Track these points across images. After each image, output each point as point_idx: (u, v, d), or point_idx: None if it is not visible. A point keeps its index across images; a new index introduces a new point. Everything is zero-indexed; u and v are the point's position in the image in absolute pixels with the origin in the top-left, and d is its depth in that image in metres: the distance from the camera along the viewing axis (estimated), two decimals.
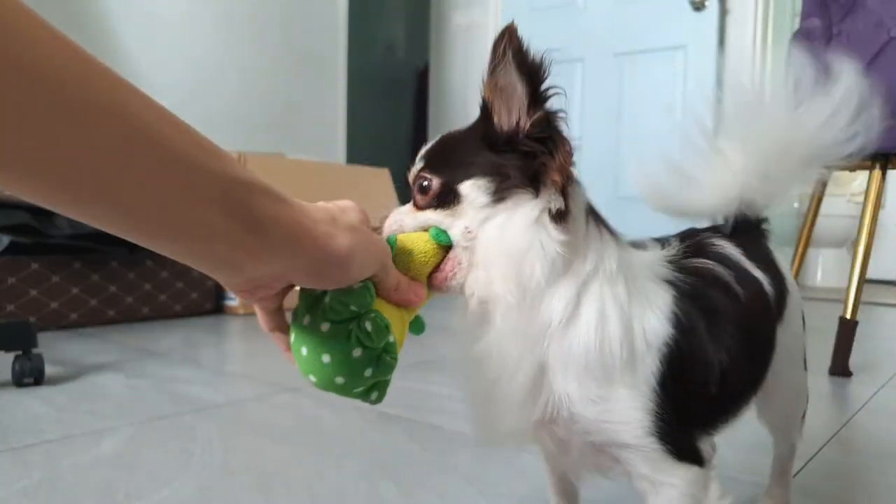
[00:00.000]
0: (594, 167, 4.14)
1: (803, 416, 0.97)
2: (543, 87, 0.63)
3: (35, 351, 1.64)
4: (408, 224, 0.65)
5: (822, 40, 2.12)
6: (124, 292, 2.59)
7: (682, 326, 0.63)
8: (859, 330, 1.91)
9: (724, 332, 0.67)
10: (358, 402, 0.67)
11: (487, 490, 1.08)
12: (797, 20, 3.60)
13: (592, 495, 0.92)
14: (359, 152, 4.32)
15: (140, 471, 1.11)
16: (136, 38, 3.28)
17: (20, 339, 1.63)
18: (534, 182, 0.64)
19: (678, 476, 0.61)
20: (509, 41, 0.60)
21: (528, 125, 0.64)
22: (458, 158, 0.65)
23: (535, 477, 1.13)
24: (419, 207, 0.65)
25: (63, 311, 2.40)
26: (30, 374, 1.61)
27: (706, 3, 3.73)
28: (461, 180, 0.63)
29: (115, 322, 2.56)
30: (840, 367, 1.89)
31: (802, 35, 2.20)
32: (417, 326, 0.64)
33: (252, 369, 1.97)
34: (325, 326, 0.52)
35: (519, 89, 0.62)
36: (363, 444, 1.25)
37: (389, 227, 0.66)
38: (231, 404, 1.51)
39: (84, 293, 2.46)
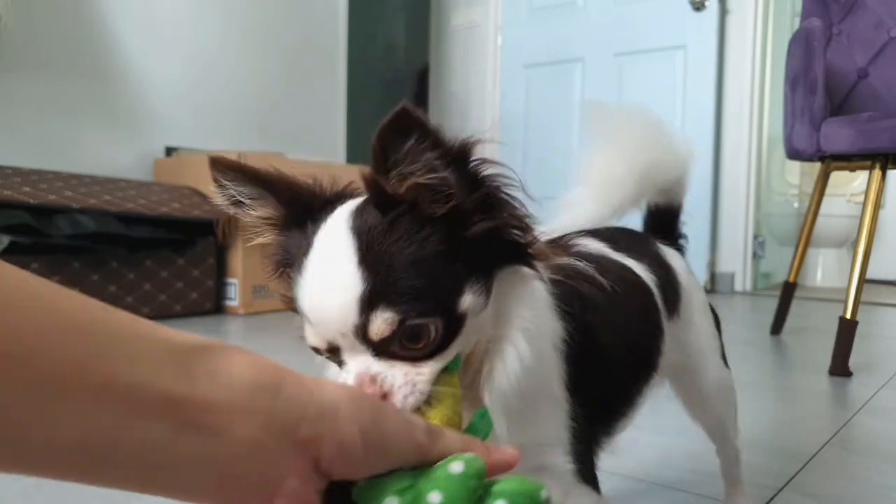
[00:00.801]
0: None
1: (735, 417, 1.00)
2: (473, 165, 0.51)
3: None
4: (424, 388, 0.50)
5: (821, 40, 2.12)
6: (124, 292, 2.59)
7: (570, 318, 0.61)
8: (859, 330, 1.91)
9: (602, 319, 0.67)
10: None
11: None
12: (797, 20, 3.60)
13: None
14: (359, 152, 4.32)
15: None
16: (136, 36, 3.28)
17: None
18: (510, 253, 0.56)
19: (584, 502, 0.62)
20: (420, 133, 0.47)
21: (472, 211, 0.51)
22: (427, 282, 0.50)
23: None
24: (415, 360, 0.50)
25: None
26: None
27: (706, 3, 3.73)
28: (455, 302, 0.51)
29: None
30: (840, 367, 1.89)
31: (802, 35, 2.20)
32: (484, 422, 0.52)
33: None
34: None
35: (447, 177, 0.49)
36: None
37: (408, 399, 0.50)
38: None
39: (84, 293, 2.45)
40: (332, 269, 0.50)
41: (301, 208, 0.55)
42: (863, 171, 2.13)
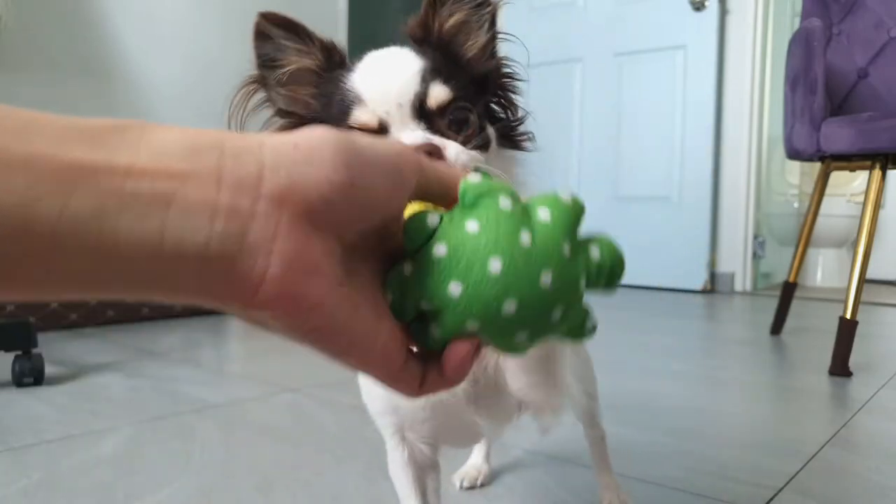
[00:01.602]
0: (594, 167, 4.15)
1: (597, 395, 1.02)
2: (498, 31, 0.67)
3: (35, 351, 1.64)
4: (465, 160, 0.55)
5: (821, 40, 2.12)
6: None
7: None
8: (859, 330, 1.91)
9: None
10: (357, 402, 0.67)
11: (488, 491, 1.08)
12: (797, 20, 3.60)
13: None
14: None
15: (140, 471, 1.11)
16: (136, 36, 3.28)
17: (20, 339, 1.63)
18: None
19: None
20: None
21: (498, 68, 0.66)
22: (470, 88, 0.60)
23: (526, 471, 1.13)
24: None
25: (63, 311, 2.40)
26: (30, 374, 1.61)
27: (706, 3, 3.73)
28: (484, 121, 0.62)
29: (114, 322, 2.56)
30: (840, 367, 1.89)
31: (802, 35, 2.20)
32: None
33: (252, 369, 1.97)
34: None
35: (484, 28, 0.64)
36: (363, 444, 1.24)
37: (459, 158, 0.54)
38: (231, 404, 1.51)
39: None
40: (393, 57, 0.59)
41: (338, 60, 0.62)
42: (863, 171, 2.13)
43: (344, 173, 0.31)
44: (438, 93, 0.56)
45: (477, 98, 0.61)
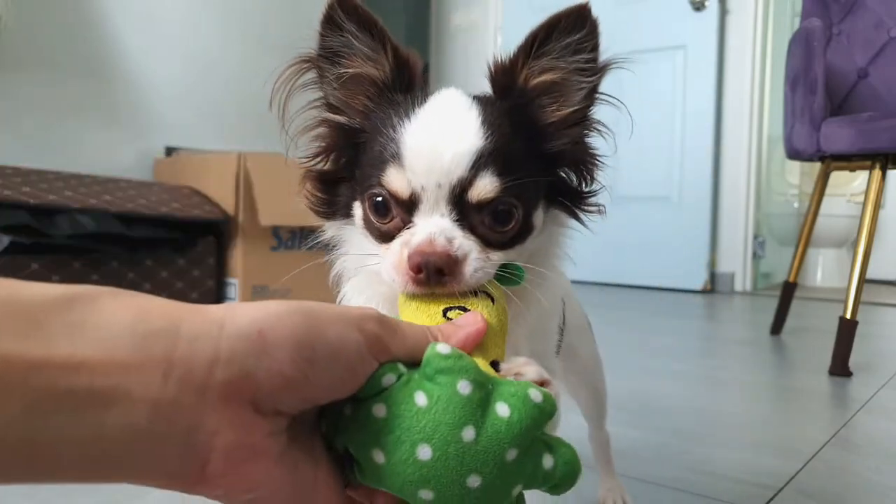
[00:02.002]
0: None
1: (606, 394, 1.03)
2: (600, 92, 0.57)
3: None
4: (492, 272, 0.49)
5: (821, 40, 2.12)
6: None
7: None
8: (859, 330, 1.91)
9: None
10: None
11: None
12: (797, 20, 3.60)
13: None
14: None
15: None
16: (136, 36, 3.28)
17: None
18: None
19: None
20: (590, 31, 0.51)
21: (580, 134, 0.58)
22: (524, 171, 0.51)
23: None
24: (488, 244, 0.50)
25: None
26: None
27: (706, 3, 3.73)
28: (535, 207, 0.53)
29: None
30: (840, 367, 1.88)
31: (802, 35, 2.20)
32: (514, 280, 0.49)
33: None
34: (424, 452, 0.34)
35: (580, 89, 0.55)
36: None
37: (477, 274, 0.47)
38: None
39: None
40: (451, 119, 0.50)
41: (408, 79, 0.54)
42: (863, 171, 2.13)
43: (300, 370, 0.31)
44: (485, 187, 0.48)
45: (539, 175, 0.53)
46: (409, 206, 0.50)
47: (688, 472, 1.14)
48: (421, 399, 0.34)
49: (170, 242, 2.72)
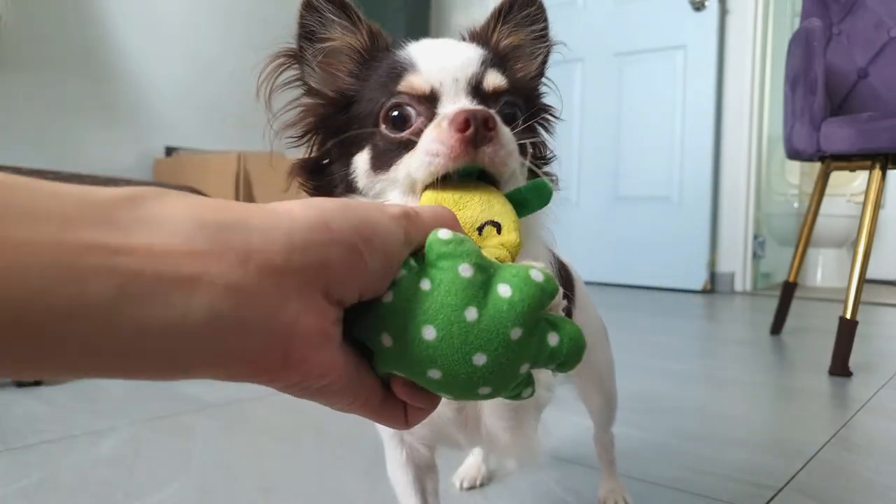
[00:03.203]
0: (594, 167, 4.15)
1: (616, 397, 1.03)
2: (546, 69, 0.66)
3: None
4: (509, 146, 0.51)
5: (821, 40, 2.12)
6: None
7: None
8: (859, 330, 1.91)
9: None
10: None
11: (488, 491, 1.08)
12: (797, 20, 3.60)
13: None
14: None
15: (140, 471, 1.11)
16: (136, 36, 3.28)
17: None
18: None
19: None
20: (539, 6, 0.63)
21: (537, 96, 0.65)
22: (522, 98, 0.59)
23: (526, 471, 1.13)
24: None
25: None
26: None
27: (706, 3, 3.73)
28: (527, 134, 0.58)
29: None
30: (840, 367, 1.88)
31: (802, 35, 2.20)
32: (540, 194, 0.48)
33: None
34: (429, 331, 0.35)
35: (537, 56, 0.65)
36: (363, 444, 1.24)
37: (510, 142, 0.50)
38: (231, 404, 1.51)
39: None
40: (451, 41, 0.60)
41: (383, 44, 0.61)
42: (863, 171, 2.13)
43: (362, 259, 0.33)
44: (496, 78, 0.55)
45: (525, 111, 0.60)
46: (431, 101, 0.54)
47: (688, 472, 1.14)
48: (425, 284, 0.35)
49: None
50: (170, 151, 3.39)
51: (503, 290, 0.35)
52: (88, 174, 2.80)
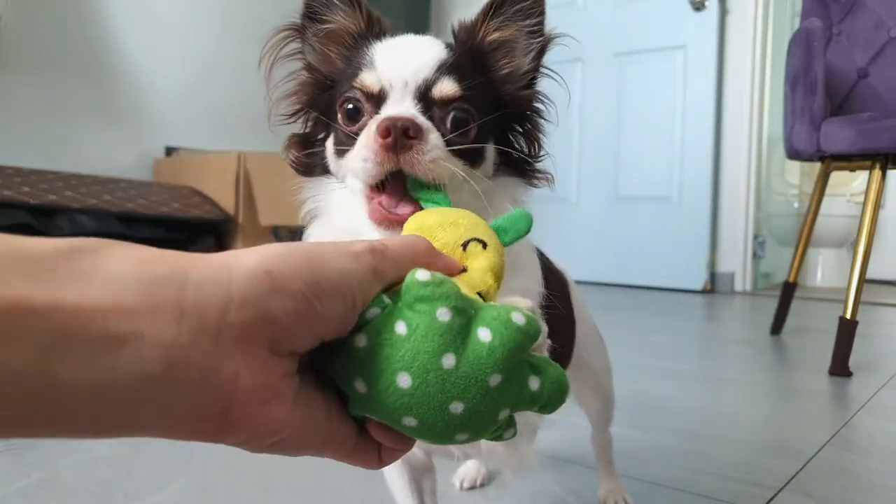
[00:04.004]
0: (594, 167, 4.15)
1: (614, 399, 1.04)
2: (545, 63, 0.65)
3: None
4: (447, 161, 0.52)
5: (821, 40, 2.12)
6: None
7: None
8: (859, 330, 1.91)
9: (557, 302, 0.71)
10: None
11: (488, 491, 1.08)
12: (797, 20, 3.60)
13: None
14: None
15: (140, 471, 1.11)
16: (136, 36, 3.28)
17: None
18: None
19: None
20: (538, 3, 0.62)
21: (528, 95, 0.64)
22: (485, 101, 0.58)
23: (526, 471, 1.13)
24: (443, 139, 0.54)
25: None
26: None
27: (706, 3, 3.73)
28: (488, 137, 0.59)
29: None
30: (840, 367, 1.88)
31: (802, 35, 2.20)
32: (520, 224, 0.46)
33: None
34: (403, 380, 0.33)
35: (529, 56, 0.63)
36: None
37: (433, 153, 0.51)
38: None
39: None
40: (419, 40, 0.60)
41: (378, 31, 0.62)
42: (863, 171, 2.13)
43: (311, 305, 0.31)
44: (446, 86, 0.55)
45: (494, 118, 0.59)
46: (378, 100, 0.56)
47: (688, 472, 1.14)
48: (401, 328, 0.34)
49: (170, 242, 2.72)
50: (170, 151, 3.39)
51: (483, 335, 0.34)
52: (88, 174, 2.80)
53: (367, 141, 0.52)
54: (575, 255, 3.79)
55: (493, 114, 0.59)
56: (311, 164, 0.65)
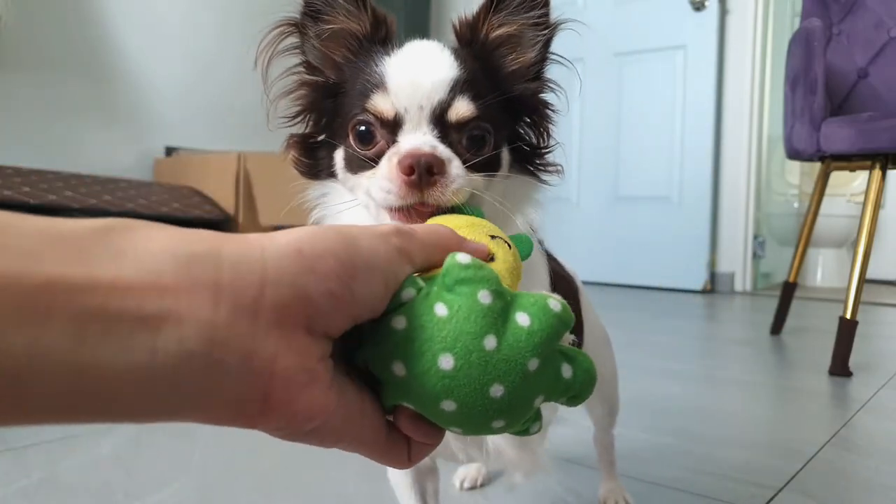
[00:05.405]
0: (594, 167, 4.15)
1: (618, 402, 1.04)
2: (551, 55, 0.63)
3: None
4: (470, 185, 0.52)
5: (821, 40, 2.12)
6: None
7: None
8: (859, 330, 1.91)
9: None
10: None
11: (488, 491, 1.08)
12: (797, 20, 3.60)
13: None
14: None
15: (140, 471, 1.11)
16: (136, 36, 3.28)
17: None
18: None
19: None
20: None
21: (536, 88, 0.62)
22: (495, 107, 0.56)
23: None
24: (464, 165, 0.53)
25: None
26: None
27: (706, 3, 3.73)
28: (502, 141, 0.58)
29: None
30: (840, 367, 1.88)
31: (802, 35, 2.20)
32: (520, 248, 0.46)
33: None
34: (447, 361, 0.33)
35: (536, 48, 0.62)
36: None
37: (457, 182, 0.51)
38: None
39: None
40: (429, 55, 0.57)
41: (384, 34, 0.60)
42: (863, 171, 2.13)
43: (345, 284, 0.31)
44: (462, 108, 0.54)
45: (504, 117, 0.59)
46: (394, 126, 0.54)
47: (688, 472, 1.14)
48: (441, 309, 0.33)
49: None
50: (170, 151, 3.39)
51: (521, 319, 0.34)
52: (88, 174, 2.80)
53: (390, 174, 0.51)
54: (575, 255, 3.78)
55: (506, 116, 0.59)
56: (315, 166, 0.63)
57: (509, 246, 0.43)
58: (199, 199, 2.88)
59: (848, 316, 1.91)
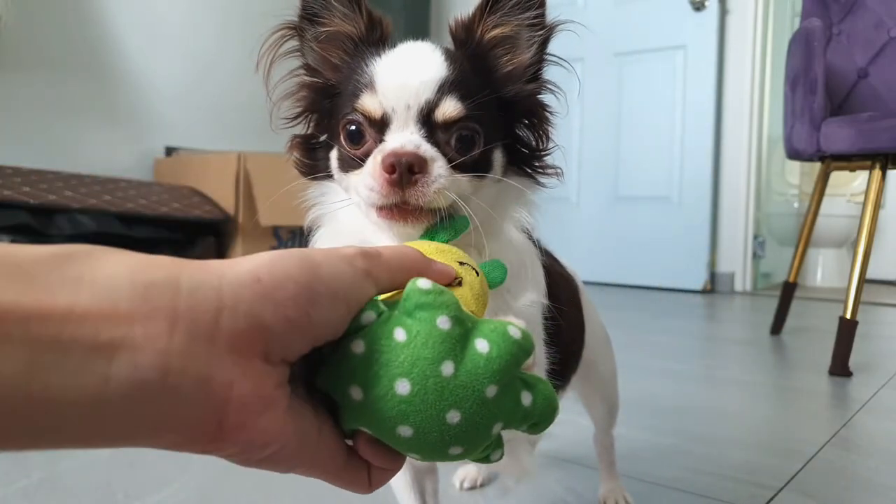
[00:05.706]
0: (594, 167, 4.15)
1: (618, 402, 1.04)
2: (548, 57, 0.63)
3: None
4: (454, 189, 0.52)
5: (821, 40, 2.12)
6: None
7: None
8: (859, 330, 1.91)
9: (564, 302, 0.71)
10: None
11: (488, 491, 1.08)
12: (797, 20, 3.60)
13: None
14: None
15: (140, 471, 1.11)
16: (136, 36, 3.28)
17: None
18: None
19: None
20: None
21: (532, 88, 0.62)
22: (487, 108, 0.56)
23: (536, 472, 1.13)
24: (452, 166, 0.53)
25: None
26: None
27: (706, 3, 3.73)
28: (494, 142, 0.57)
29: None
30: (840, 367, 1.88)
31: (802, 35, 2.20)
32: (496, 274, 0.47)
33: None
34: (403, 387, 0.33)
35: (532, 49, 0.61)
36: None
37: (439, 181, 0.51)
38: None
39: None
40: (419, 56, 0.57)
41: (379, 36, 0.60)
42: (863, 171, 2.13)
43: (304, 311, 0.31)
44: (449, 108, 0.54)
45: (499, 118, 0.58)
46: (381, 126, 0.54)
47: (688, 472, 1.14)
48: (400, 334, 0.33)
49: (170, 242, 2.72)
50: (170, 151, 3.39)
51: (480, 346, 0.34)
52: (88, 174, 2.80)
53: (374, 172, 0.51)
54: (575, 255, 3.77)
55: (499, 118, 0.58)
56: (314, 166, 0.64)
57: (477, 273, 0.44)
58: (199, 199, 2.88)
59: (848, 316, 1.91)
